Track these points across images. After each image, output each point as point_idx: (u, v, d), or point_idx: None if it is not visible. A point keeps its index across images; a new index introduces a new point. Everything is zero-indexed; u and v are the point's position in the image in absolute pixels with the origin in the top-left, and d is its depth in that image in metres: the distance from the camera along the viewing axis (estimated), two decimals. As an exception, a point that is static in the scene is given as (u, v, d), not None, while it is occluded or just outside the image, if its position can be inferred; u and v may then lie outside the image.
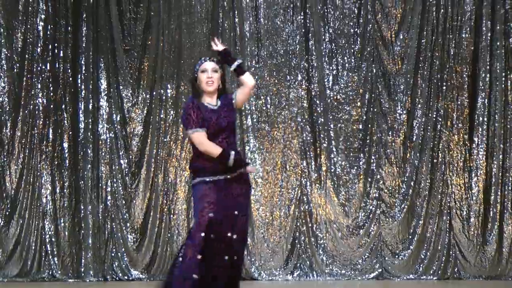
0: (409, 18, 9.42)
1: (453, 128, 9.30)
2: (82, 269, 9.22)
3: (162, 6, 9.37)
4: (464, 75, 9.31)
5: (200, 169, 5.34)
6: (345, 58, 9.44)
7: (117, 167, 9.38)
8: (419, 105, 9.33)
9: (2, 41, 9.16)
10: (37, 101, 9.22)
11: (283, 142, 9.37)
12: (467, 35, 9.33)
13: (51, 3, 9.21)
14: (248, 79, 5.41)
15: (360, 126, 9.40)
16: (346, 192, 9.30)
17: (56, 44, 9.30)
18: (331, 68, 9.42)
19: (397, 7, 9.36)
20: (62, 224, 9.20)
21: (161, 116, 9.39)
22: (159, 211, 9.24)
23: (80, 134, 9.33)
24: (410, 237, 9.25)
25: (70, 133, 9.30)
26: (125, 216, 9.27)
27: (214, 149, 5.33)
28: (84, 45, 9.38)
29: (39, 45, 9.22)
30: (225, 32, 9.33)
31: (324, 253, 9.22)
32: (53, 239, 9.17)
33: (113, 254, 9.26)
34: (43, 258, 9.10)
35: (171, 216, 9.29)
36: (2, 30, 9.17)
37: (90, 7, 9.33)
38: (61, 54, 9.30)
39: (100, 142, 9.40)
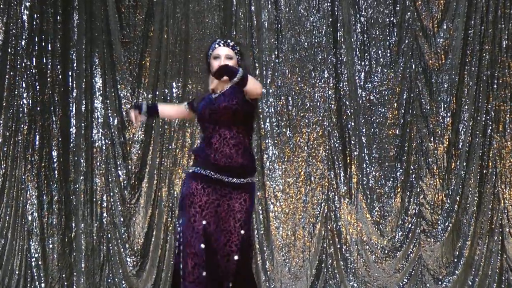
0: (454, 5, 8.93)
1: (506, 133, 8.86)
2: (74, 297, 8.81)
3: (166, -8, 8.99)
4: (519, 71, 8.88)
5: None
6: (380, 51, 9.03)
7: (114, 179, 9.01)
8: (466, 107, 8.93)
9: (-19, 33, 8.80)
10: (21, 102, 8.81)
11: (307, 149, 9.01)
12: (522, 25, 8.88)
13: (37, -12, 8.87)
14: (253, 89, 5.19)
15: (397, 131, 8.99)
16: (380, 207, 8.96)
17: (43, 36, 8.86)
18: (363, 63, 9.01)
19: (440, -9, 8.95)
20: (51, 245, 8.81)
21: (166, 119, 8.91)
22: (162, 230, 8.88)
23: (71, 140, 8.95)
24: (455, 260, 8.87)
25: (60, 139, 8.90)
26: (123, 236, 8.94)
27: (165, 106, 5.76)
28: (75, 37, 8.97)
29: (24, 37, 8.80)
30: (240, 22, 8.92)
31: (355, 278, 8.85)
32: (39, 263, 8.75)
33: (109, 280, 8.91)
34: (28, 285, 8.70)
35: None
36: (-20, 20, 8.82)
37: (82, -7, 8.97)
38: (49, 48, 8.87)
39: (95, 149, 9.03)
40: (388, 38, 9.04)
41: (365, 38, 9.05)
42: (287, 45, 9.02)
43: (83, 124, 9.00)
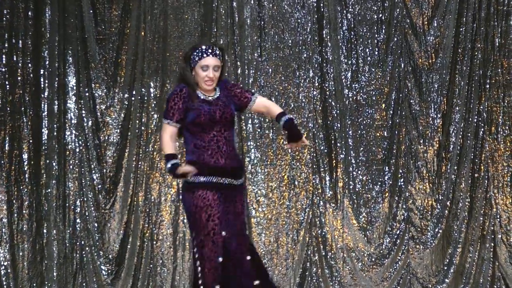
0: (445, 1, 9.05)
1: (498, 136, 8.97)
2: (45, 308, 8.93)
3: (143, -14, 9.12)
4: (512, 71, 9.04)
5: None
6: (367, 50, 9.11)
7: (88, 183, 8.97)
8: (457, 108, 9.01)
9: None
10: (-10, 103, 8.87)
11: (291, 152, 9.03)
12: (515, 23, 9.02)
13: (7, -19, 8.94)
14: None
15: (385, 133, 9.06)
16: (367, 213, 9.03)
17: (13, 33, 8.85)
18: (349, 62, 9.08)
19: (430, -13, 9.21)
20: (21, 253, 8.79)
21: (143, 120, 8.95)
22: (139, 236, 8.91)
23: (43, 142, 8.91)
24: (445, 268, 8.96)
25: (31, 141, 8.87)
26: (97, 243, 8.94)
27: (166, 149, 5.58)
28: (48, 34, 8.91)
29: (-7, 33, 8.84)
30: (221, 19, 8.91)
31: (340, 287, 8.92)
32: (9, 271, 8.77)
33: (83, 290, 8.94)
34: (-3, 295, 8.73)
35: (154, 243, 8.94)
36: None
37: (55, -13, 9.03)
38: (20, 45, 8.86)
39: (68, 152, 8.97)
40: (376, 35, 9.10)
41: (352, 36, 9.11)
42: (270, 43, 9.06)
43: (55, 126, 8.95)
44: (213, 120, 5.56)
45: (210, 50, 5.62)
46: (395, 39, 9.05)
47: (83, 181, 8.97)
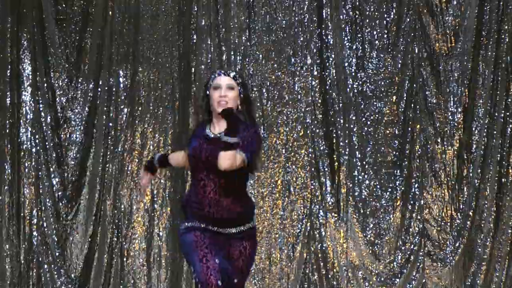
0: None
1: None
2: (-4, 336, 8.79)
3: (111, -43, 9.22)
4: (546, 56, 9.04)
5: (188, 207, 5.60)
6: (375, 32, 8.86)
7: (46, 189, 8.72)
8: (481, 100, 8.72)
9: None
10: None
11: (286, 153, 8.81)
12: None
13: None
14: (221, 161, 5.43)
15: (396, 131, 8.78)
16: (375, 224, 8.77)
17: None
18: (354, 47, 8.86)
19: (448, -41, 9.34)
20: None
21: (111, 115, 8.76)
22: (106, 252, 8.66)
23: None
24: None
25: None
26: (57, 260, 8.65)
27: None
28: None
29: None
30: None
31: None
32: None
33: (40, 313, 8.98)
34: None
35: (124, 259, 8.73)
36: None
37: (6, -42, 9.08)
38: None
39: (22, 153, 8.72)
40: (385, 15, 8.88)
41: (356, 16, 8.91)
42: (260, 24, 8.87)
43: (7, 122, 8.76)
44: (197, 160, 5.52)
45: (221, 71, 5.66)
46: (408, 19, 8.85)
47: (41, 186, 8.77)
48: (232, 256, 5.57)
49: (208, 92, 5.62)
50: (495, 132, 8.70)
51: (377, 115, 8.84)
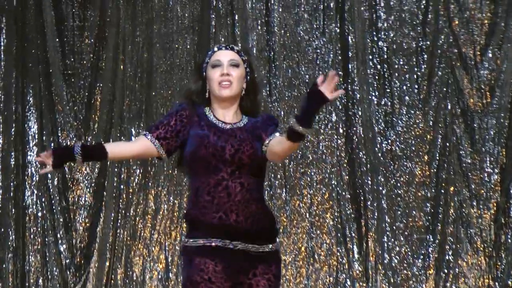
0: (502, 25, 8.55)
1: None
2: None
3: (123, 9, 8.60)
4: None
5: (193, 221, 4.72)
6: (404, 87, 8.55)
7: (53, 257, 8.36)
8: None
9: None
10: None
11: (310, 217, 8.46)
12: None
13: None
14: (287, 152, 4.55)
15: (429, 193, 8.43)
16: None
17: None
18: (382, 103, 8.55)
19: (483, 9, 8.69)
20: None
21: (122, 177, 8.43)
22: None
23: None
24: None
25: None
26: None
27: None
28: (3, 68, 8.51)
29: None
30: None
31: None
32: None
33: None
34: None
35: None
36: None
37: (13, 10, 8.59)
38: None
39: (28, 217, 8.41)
40: (416, 69, 8.53)
41: (385, 69, 8.62)
42: (282, 79, 8.57)
43: (12, 184, 8.44)
44: (220, 157, 4.59)
45: (222, 45, 4.74)
46: (440, 73, 8.45)
47: (47, 254, 8.34)
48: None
49: (204, 73, 4.68)
50: (536, 194, 8.78)
51: (407, 176, 8.44)
